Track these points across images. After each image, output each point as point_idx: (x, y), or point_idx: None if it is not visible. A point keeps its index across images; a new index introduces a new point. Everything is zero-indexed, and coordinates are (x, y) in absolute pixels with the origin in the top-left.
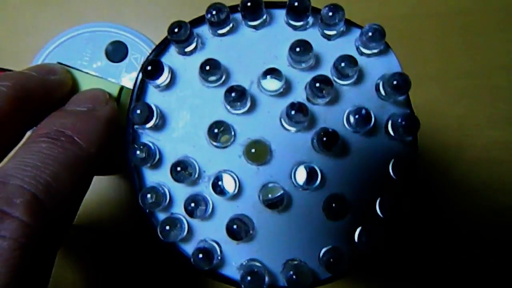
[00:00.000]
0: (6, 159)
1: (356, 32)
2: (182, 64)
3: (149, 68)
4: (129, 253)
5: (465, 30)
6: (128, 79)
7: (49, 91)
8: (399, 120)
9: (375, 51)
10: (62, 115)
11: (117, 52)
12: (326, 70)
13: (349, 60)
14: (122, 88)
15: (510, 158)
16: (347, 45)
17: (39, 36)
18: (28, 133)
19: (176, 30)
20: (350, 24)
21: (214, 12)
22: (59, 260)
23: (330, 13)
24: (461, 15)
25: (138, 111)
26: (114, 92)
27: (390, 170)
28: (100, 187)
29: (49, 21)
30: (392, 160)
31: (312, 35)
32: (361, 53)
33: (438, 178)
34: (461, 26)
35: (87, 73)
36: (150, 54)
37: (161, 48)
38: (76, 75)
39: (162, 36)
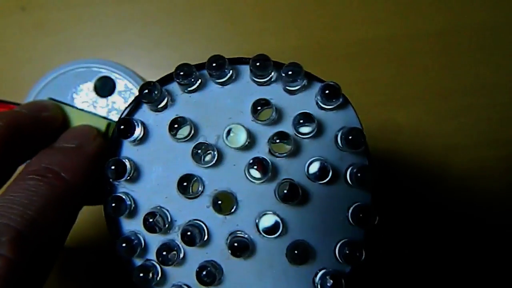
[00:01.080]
0: None
1: (317, 86)
2: (154, 120)
3: (122, 127)
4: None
5: (446, 50)
6: (116, 113)
7: (40, 127)
8: (355, 171)
9: (334, 105)
10: (50, 153)
11: (105, 87)
12: (288, 124)
13: (307, 118)
14: (109, 123)
15: (493, 176)
16: (308, 99)
17: (35, 67)
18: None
19: (146, 91)
20: (311, 78)
21: (182, 74)
22: (59, 282)
23: (290, 72)
24: (442, 35)
25: (112, 167)
26: (102, 127)
27: (349, 217)
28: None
29: (45, 52)
30: (351, 208)
31: (275, 90)
32: (321, 108)
33: (421, 198)
34: (443, 47)
35: (77, 108)
36: (123, 112)
37: (134, 106)
38: (67, 110)
39: (153, 71)
